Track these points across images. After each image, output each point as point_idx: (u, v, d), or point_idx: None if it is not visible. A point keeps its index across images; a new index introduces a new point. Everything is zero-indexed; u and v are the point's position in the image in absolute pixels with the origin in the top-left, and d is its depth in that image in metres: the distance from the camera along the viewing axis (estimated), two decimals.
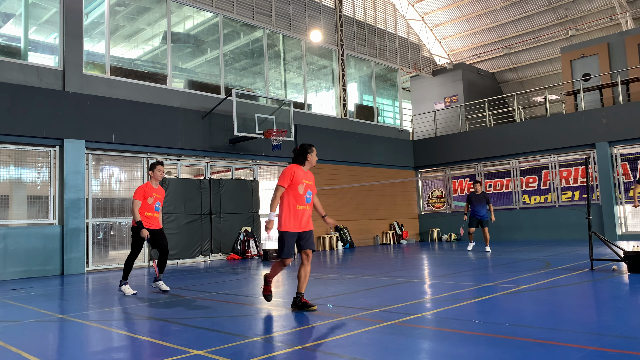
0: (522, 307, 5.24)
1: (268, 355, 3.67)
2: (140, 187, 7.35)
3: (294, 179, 5.42)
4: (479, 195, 12.65)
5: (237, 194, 14.35)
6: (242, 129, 13.45)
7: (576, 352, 3.36)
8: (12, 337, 4.66)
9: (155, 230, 7.41)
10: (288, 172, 5.43)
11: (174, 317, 5.30)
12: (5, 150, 10.79)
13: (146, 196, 7.29)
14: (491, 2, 23.00)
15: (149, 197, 7.31)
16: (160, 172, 7.45)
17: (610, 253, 8.84)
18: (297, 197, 5.43)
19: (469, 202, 12.77)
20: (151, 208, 7.34)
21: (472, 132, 19.13)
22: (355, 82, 19.90)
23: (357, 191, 17.59)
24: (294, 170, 5.47)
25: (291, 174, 5.42)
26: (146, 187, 7.34)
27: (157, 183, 7.49)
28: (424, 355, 3.60)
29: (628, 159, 15.56)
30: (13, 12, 12.00)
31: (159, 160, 7.56)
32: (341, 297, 6.22)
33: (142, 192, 7.28)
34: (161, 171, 7.47)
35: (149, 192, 7.32)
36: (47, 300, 7.10)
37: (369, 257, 12.57)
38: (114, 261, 12.18)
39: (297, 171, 5.48)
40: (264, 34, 16.35)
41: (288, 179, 5.40)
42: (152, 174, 7.47)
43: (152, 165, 7.49)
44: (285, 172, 5.45)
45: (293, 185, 5.42)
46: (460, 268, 9.09)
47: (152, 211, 7.35)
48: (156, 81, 13.57)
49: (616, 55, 17.69)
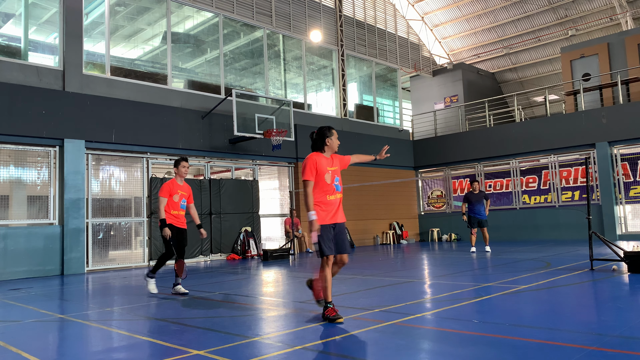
0: (522, 307, 5.24)
1: (268, 355, 3.67)
2: (166, 184, 7.07)
3: (319, 169, 4.87)
4: (477, 195, 12.56)
5: (237, 194, 14.35)
6: (242, 129, 13.45)
7: (576, 352, 3.36)
8: (12, 337, 4.66)
9: (181, 229, 7.11)
10: (310, 163, 4.86)
11: (174, 317, 5.30)
12: (5, 150, 10.79)
13: (172, 193, 6.99)
14: (491, 2, 23.00)
15: (174, 194, 7.01)
16: (184, 169, 7.15)
17: (610, 253, 8.84)
18: (326, 188, 4.90)
19: (467, 202, 12.66)
20: (177, 205, 7.05)
21: (472, 132, 19.13)
22: (355, 82, 19.90)
23: (357, 191, 17.59)
24: (315, 159, 4.89)
25: (314, 164, 4.86)
26: (172, 184, 7.05)
27: (182, 180, 7.20)
28: (424, 355, 3.60)
29: (628, 159, 15.55)
30: (13, 12, 12.00)
31: (183, 157, 7.28)
32: (341, 297, 6.21)
33: (167, 189, 6.99)
34: (185, 167, 7.16)
35: (175, 189, 7.02)
36: (47, 300, 7.10)
37: (369, 257, 12.57)
38: (114, 261, 12.19)
39: (319, 159, 4.92)
40: (264, 34, 16.36)
41: (312, 170, 4.84)
42: (176, 171, 7.17)
43: (176, 162, 7.19)
44: (307, 163, 4.86)
45: (319, 175, 4.87)
46: (460, 268, 9.09)
47: (178, 209, 7.05)
48: (156, 81, 13.57)
49: (616, 55, 17.69)
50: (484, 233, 12.60)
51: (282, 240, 15.79)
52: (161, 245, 12.59)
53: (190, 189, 7.35)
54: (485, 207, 12.51)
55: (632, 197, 15.39)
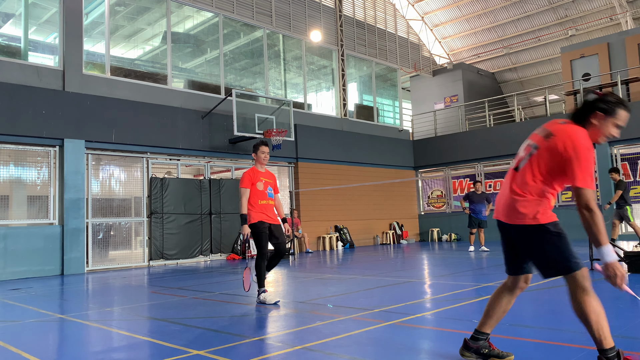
0: (522, 307, 5.23)
1: (268, 355, 3.67)
2: (246, 173, 6.13)
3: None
4: (480, 195, 12.60)
5: (237, 194, 14.33)
6: (242, 129, 13.45)
7: (576, 352, 3.36)
8: (12, 337, 4.66)
9: (274, 225, 6.08)
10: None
11: (174, 317, 5.30)
12: (5, 150, 10.78)
13: (254, 181, 6.06)
14: (491, 2, 23.00)
15: (257, 181, 6.07)
16: (263, 154, 6.22)
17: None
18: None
19: (468, 200, 12.70)
20: (263, 194, 6.07)
21: (472, 132, 19.13)
22: (355, 82, 19.90)
23: (357, 191, 17.59)
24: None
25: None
26: (252, 172, 6.14)
27: (263, 167, 6.30)
28: (424, 355, 3.60)
29: (628, 159, 15.55)
30: (13, 12, 11.99)
31: (262, 140, 6.48)
32: (341, 297, 6.21)
33: (248, 178, 6.06)
34: (265, 152, 6.23)
35: (256, 177, 6.09)
36: (47, 300, 7.10)
37: (369, 257, 12.57)
38: (114, 261, 12.19)
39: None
40: (264, 34, 16.35)
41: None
42: (255, 157, 6.27)
43: (255, 147, 6.29)
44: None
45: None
46: (460, 268, 9.09)
47: (265, 197, 6.07)
48: (156, 81, 13.56)
49: (616, 55, 17.68)
50: (480, 234, 12.65)
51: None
52: (161, 245, 12.60)
53: (274, 177, 6.48)
54: (486, 209, 12.55)
55: (632, 197, 15.38)
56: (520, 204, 2.98)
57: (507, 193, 3.07)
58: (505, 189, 3.11)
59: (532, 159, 2.98)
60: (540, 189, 2.98)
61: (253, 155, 6.30)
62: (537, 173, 2.96)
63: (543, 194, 2.99)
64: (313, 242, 16.29)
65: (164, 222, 12.68)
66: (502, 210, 3.10)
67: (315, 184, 16.25)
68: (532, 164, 2.97)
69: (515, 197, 3.00)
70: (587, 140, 2.86)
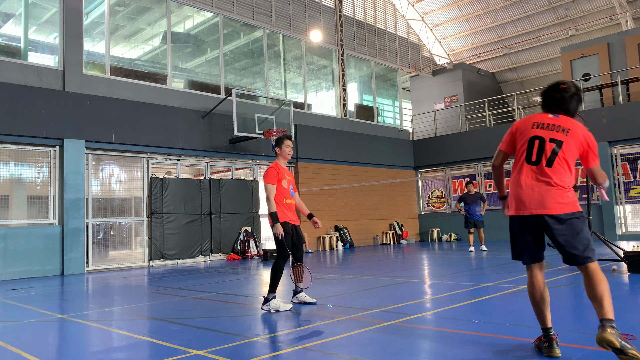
0: (522, 307, 5.23)
1: (268, 355, 3.67)
2: (271, 168, 5.65)
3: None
4: (473, 196, 12.65)
5: (237, 194, 14.35)
6: (242, 129, 13.45)
7: (576, 352, 3.36)
8: (12, 337, 4.66)
9: (296, 226, 5.73)
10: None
11: (174, 317, 5.30)
12: (5, 150, 10.78)
13: (280, 178, 5.60)
14: (491, 2, 23.00)
15: (282, 178, 5.63)
16: (288, 148, 5.80)
17: (610, 253, 8.83)
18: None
19: (462, 202, 12.78)
20: (288, 193, 5.65)
21: (472, 132, 19.13)
22: (355, 82, 19.90)
23: (357, 191, 17.59)
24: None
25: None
26: (277, 167, 5.66)
27: (285, 162, 5.89)
28: (424, 355, 3.60)
29: (628, 159, 15.55)
30: (13, 12, 12.00)
31: (286, 134, 6.07)
32: (341, 297, 6.22)
33: (274, 173, 5.58)
34: (289, 147, 5.82)
35: (281, 173, 5.63)
36: (47, 300, 7.10)
37: (369, 257, 12.57)
38: (114, 261, 12.19)
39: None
40: (264, 33, 16.35)
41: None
42: (279, 151, 5.80)
43: (279, 141, 5.82)
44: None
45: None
46: (460, 268, 9.09)
47: (289, 197, 5.68)
48: (156, 81, 13.56)
49: (616, 55, 17.68)
50: (479, 233, 12.70)
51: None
52: (161, 245, 12.61)
53: (293, 175, 6.05)
54: (482, 208, 12.58)
55: (632, 197, 15.39)
56: (566, 195, 3.25)
57: (547, 187, 3.26)
58: (539, 184, 3.29)
59: (561, 153, 3.30)
60: (570, 179, 3.33)
61: (277, 149, 5.83)
62: (569, 165, 3.32)
63: (571, 184, 3.35)
64: (313, 242, 16.29)
65: (164, 222, 12.68)
66: (542, 203, 3.25)
67: (315, 184, 16.25)
68: (564, 157, 3.30)
69: (560, 188, 3.26)
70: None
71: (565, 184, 3.27)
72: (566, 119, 3.41)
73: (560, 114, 3.43)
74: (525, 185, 3.33)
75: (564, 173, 3.28)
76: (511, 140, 3.70)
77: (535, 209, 3.26)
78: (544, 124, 3.41)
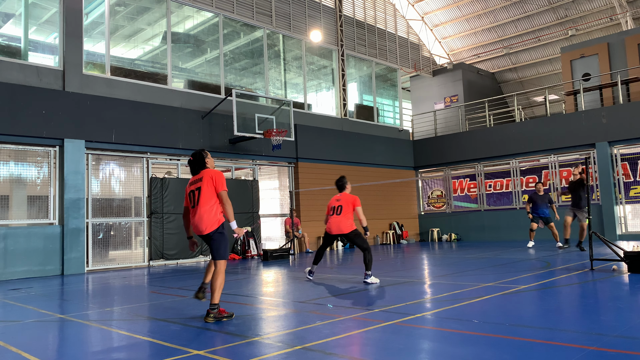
0: (522, 307, 5.24)
1: (268, 355, 3.67)
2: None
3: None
4: (542, 196, 12.86)
5: (237, 194, 14.34)
6: (242, 129, 13.45)
7: (576, 352, 3.36)
8: (12, 337, 4.66)
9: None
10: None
11: (174, 317, 5.30)
12: (5, 150, 10.79)
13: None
14: (491, 2, 23.00)
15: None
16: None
17: (610, 253, 8.83)
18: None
19: (531, 202, 12.92)
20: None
21: (472, 132, 19.13)
22: (355, 82, 19.90)
23: (357, 191, 17.52)
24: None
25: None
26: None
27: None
28: (424, 355, 3.60)
29: (628, 159, 15.55)
30: (13, 12, 12.00)
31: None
32: (341, 297, 6.21)
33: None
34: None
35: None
36: (47, 300, 7.10)
37: None
38: (114, 261, 12.19)
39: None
40: (264, 34, 16.36)
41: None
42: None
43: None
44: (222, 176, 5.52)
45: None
46: (460, 268, 9.09)
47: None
48: (156, 81, 13.56)
49: (616, 55, 17.68)
50: (552, 230, 12.76)
51: (282, 240, 15.79)
52: (161, 245, 12.63)
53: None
54: (554, 210, 12.80)
55: (632, 197, 15.39)
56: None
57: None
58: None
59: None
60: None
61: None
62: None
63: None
64: (313, 242, 16.29)
65: (164, 222, 12.68)
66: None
67: (315, 184, 16.25)
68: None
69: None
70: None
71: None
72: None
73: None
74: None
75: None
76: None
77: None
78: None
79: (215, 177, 5.23)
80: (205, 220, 5.16)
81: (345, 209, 7.84)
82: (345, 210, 7.83)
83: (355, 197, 7.88)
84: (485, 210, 18.54)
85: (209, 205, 5.19)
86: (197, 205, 5.19)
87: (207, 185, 5.22)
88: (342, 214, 7.81)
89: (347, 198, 7.93)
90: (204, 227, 5.16)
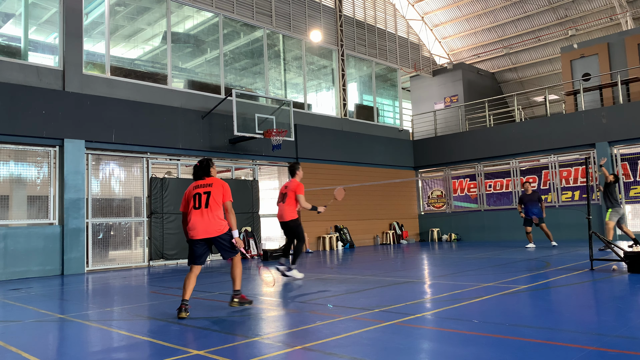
0: (522, 307, 5.24)
1: (268, 355, 3.67)
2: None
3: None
4: (530, 195, 12.94)
5: (237, 194, 14.30)
6: (242, 129, 13.44)
7: (576, 352, 3.36)
8: (12, 337, 4.66)
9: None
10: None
11: (174, 317, 5.30)
12: (5, 150, 10.79)
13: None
14: (491, 2, 23.00)
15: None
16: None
17: (610, 253, 8.84)
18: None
19: (521, 203, 13.06)
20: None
21: (472, 132, 19.13)
22: (355, 82, 19.90)
23: (357, 191, 17.59)
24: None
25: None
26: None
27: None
28: (424, 355, 3.60)
29: (628, 159, 15.55)
30: (13, 12, 12.00)
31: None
32: (341, 297, 6.21)
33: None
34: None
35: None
36: (47, 300, 7.10)
37: (369, 257, 12.57)
38: (114, 261, 12.19)
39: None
40: (264, 34, 16.35)
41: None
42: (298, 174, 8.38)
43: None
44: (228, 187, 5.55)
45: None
46: (460, 268, 9.09)
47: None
48: (156, 81, 13.56)
49: (616, 55, 17.69)
50: (544, 229, 12.93)
51: (282, 240, 15.79)
52: (161, 245, 12.63)
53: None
54: (542, 208, 12.88)
55: (632, 197, 15.39)
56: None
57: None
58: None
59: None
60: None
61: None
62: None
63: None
64: (313, 242, 16.29)
65: (164, 222, 12.68)
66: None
67: (315, 184, 16.24)
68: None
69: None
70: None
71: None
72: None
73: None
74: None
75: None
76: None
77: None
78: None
79: (225, 187, 5.49)
80: (216, 224, 5.34)
81: (290, 196, 7.77)
82: (289, 197, 7.75)
83: (299, 184, 7.77)
84: (485, 210, 18.54)
85: (220, 211, 5.40)
86: (208, 209, 5.35)
87: (217, 192, 5.41)
88: (286, 202, 7.77)
89: (291, 185, 7.86)
90: (215, 230, 5.32)
